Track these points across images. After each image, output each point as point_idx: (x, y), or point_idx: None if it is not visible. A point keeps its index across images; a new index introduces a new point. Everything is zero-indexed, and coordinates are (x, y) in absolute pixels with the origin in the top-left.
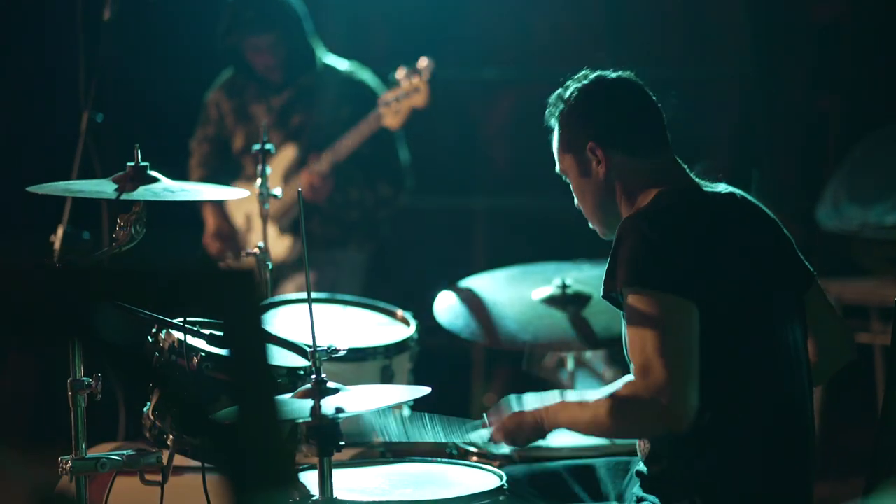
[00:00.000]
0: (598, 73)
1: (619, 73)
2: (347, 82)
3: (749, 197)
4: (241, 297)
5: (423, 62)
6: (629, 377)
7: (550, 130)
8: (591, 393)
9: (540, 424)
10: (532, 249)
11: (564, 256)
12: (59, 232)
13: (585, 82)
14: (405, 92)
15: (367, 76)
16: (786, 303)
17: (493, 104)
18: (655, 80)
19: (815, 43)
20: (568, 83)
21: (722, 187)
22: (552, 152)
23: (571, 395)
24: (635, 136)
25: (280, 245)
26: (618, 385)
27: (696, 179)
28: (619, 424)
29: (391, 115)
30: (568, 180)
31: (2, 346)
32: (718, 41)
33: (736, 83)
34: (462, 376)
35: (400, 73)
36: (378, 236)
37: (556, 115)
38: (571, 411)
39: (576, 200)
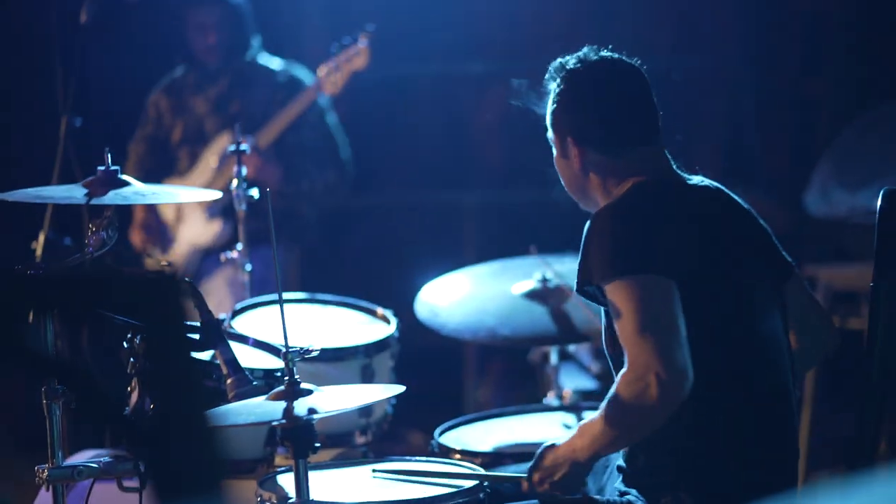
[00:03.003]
0: (598, 55)
1: (621, 58)
2: (282, 76)
3: (724, 189)
4: (161, 301)
5: (365, 30)
6: (621, 372)
7: (546, 94)
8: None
9: (574, 456)
10: (523, 243)
11: (555, 249)
12: (41, 238)
13: (584, 64)
14: (346, 56)
15: (300, 71)
16: (764, 292)
17: (481, 98)
18: (645, 70)
19: (803, 29)
20: (569, 58)
21: (698, 179)
22: (545, 115)
23: (587, 417)
24: (615, 134)
25: (208, 230)
26: (614, 385)
27: (678, 171)
28: (632, 416)
29: (331, 83)
30: (553, 148)
31: None
32: (707, 30)
33: (726, 71)
34: (454, 372)
35: (340, 45)
36: (308, 235)
37: (553, 86)
38: (591, 430)
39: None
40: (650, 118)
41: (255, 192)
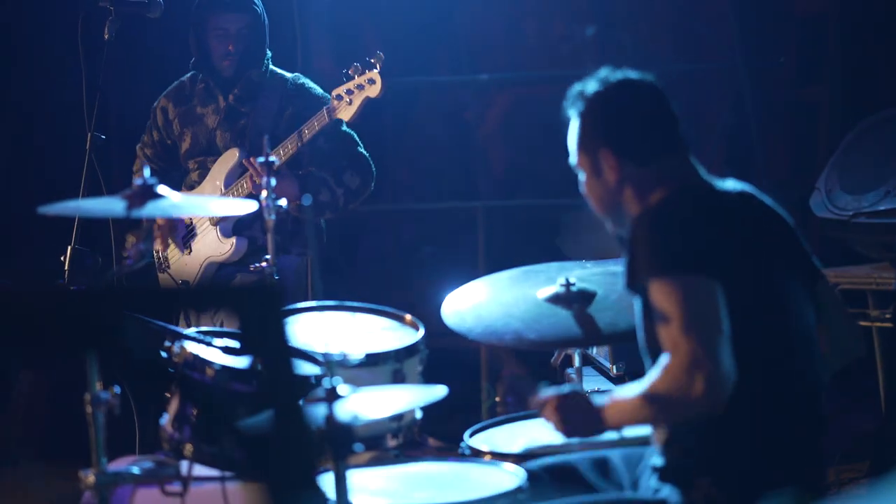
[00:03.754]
0: (619, 74)
1: (640, 75)
2: (291, 85)
3: (758, 193)
4: (265, 311)
5: (378, 56)
6: (665, 360)
7: (567, 122)
8: (636, 385)
9: (599, 416)
10: (534, 250)
11: (565, 256)
12: (69, 251)
13: (605, 85)
14: (359, 83)
15: (309, 82)
16: (797, 291)
17: (488, 107)
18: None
19: (801, 35)
20: (589, 80)
21: (731, 183)
22: (567, 143)
23: (620, 391)
24: (647, 144)
25: (222, 248)
26: (656, 370)
27: (707, 178)
28: (673, 407)
29: (344, 107)
30: (580, 175)
31: (17, 364)
32: (706, 36)
33: (725, 77)
34: (470, 376)
35: (353, 69)
36: (317, 243)
37: (576, 110)
38: (625, 407)
39: (582, 190)
40: (674, 128)
41: (283, 202)
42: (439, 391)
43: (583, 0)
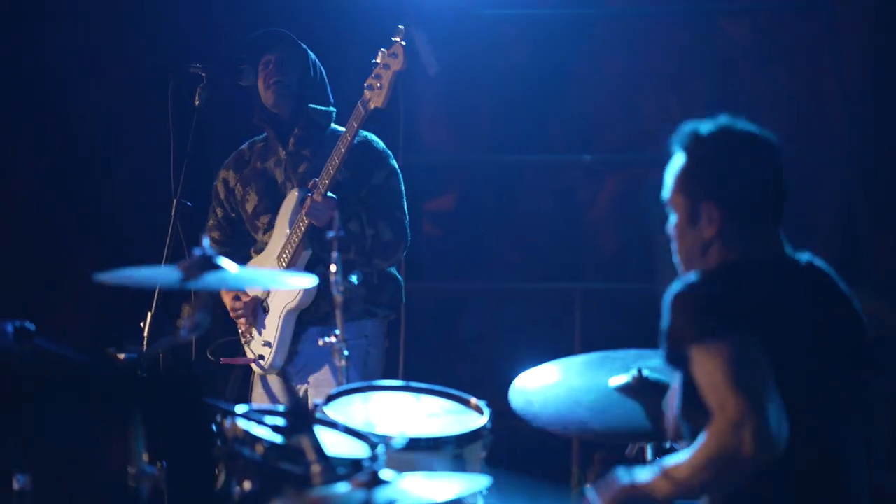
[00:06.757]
0: (741, 124)
1: (763, 131)
2: (355, 137)
3: (828, 270)
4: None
5: (399, 30)
6: (712, 422)
7: (670, 155)
8: (684, 453)
9: (651, 495)
10: (632, 334)
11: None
12: (149, 318)
13: (726, 132)
14: (385, 63)
15: (372, 136)
16: (840, 383)
17: (599, 188)
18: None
19: None
20: (703, 124)
21: (805, 257)
22: (665, 175)
23: (669, 461)
24: (753, 208)
25: (294, 293)
26: (703, 434)
27: (787, 251)
28: (722, 465)
29: (376, 94)
30: (671, 213)
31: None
32: (817, 121)
33: (835, 163)
34: (561, 461)
35: (379, 56)
36: (398, 304)
37: (686, 148)
38: (675, 474)
39: (669, 230)
40: (779, 197)
41: (354, 279)
42: (481, 482)
43: (699, 82)
